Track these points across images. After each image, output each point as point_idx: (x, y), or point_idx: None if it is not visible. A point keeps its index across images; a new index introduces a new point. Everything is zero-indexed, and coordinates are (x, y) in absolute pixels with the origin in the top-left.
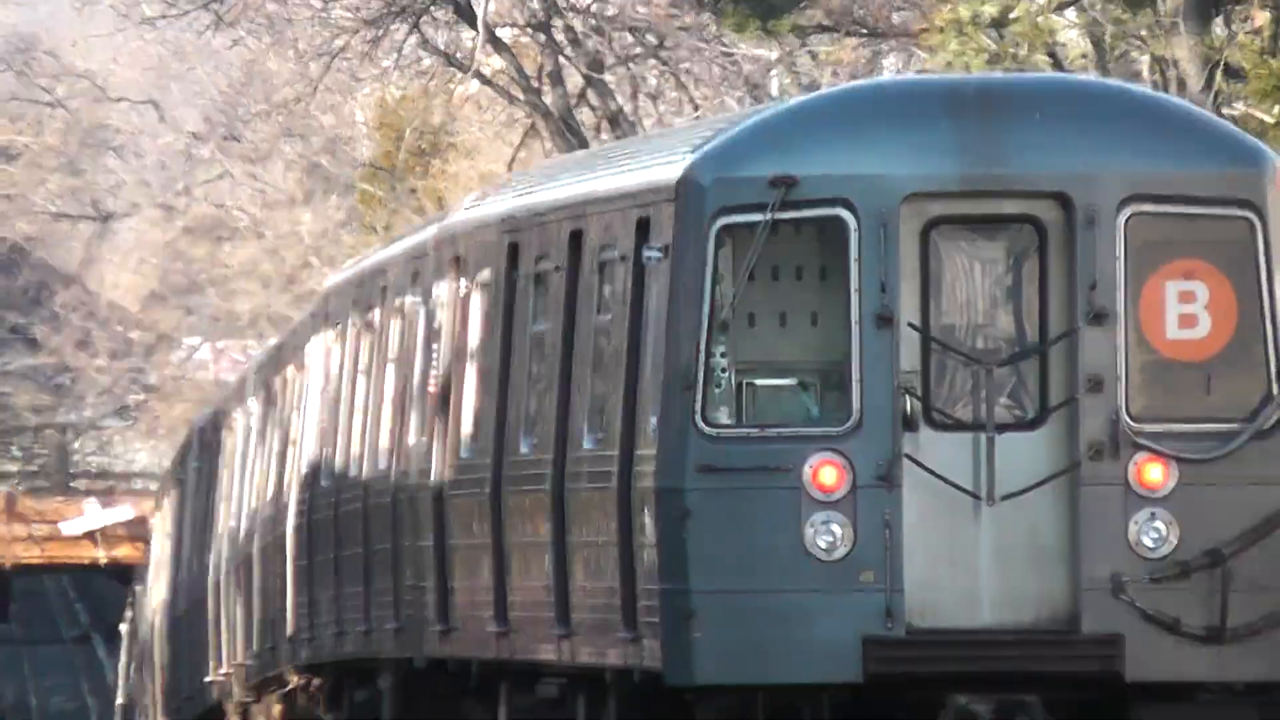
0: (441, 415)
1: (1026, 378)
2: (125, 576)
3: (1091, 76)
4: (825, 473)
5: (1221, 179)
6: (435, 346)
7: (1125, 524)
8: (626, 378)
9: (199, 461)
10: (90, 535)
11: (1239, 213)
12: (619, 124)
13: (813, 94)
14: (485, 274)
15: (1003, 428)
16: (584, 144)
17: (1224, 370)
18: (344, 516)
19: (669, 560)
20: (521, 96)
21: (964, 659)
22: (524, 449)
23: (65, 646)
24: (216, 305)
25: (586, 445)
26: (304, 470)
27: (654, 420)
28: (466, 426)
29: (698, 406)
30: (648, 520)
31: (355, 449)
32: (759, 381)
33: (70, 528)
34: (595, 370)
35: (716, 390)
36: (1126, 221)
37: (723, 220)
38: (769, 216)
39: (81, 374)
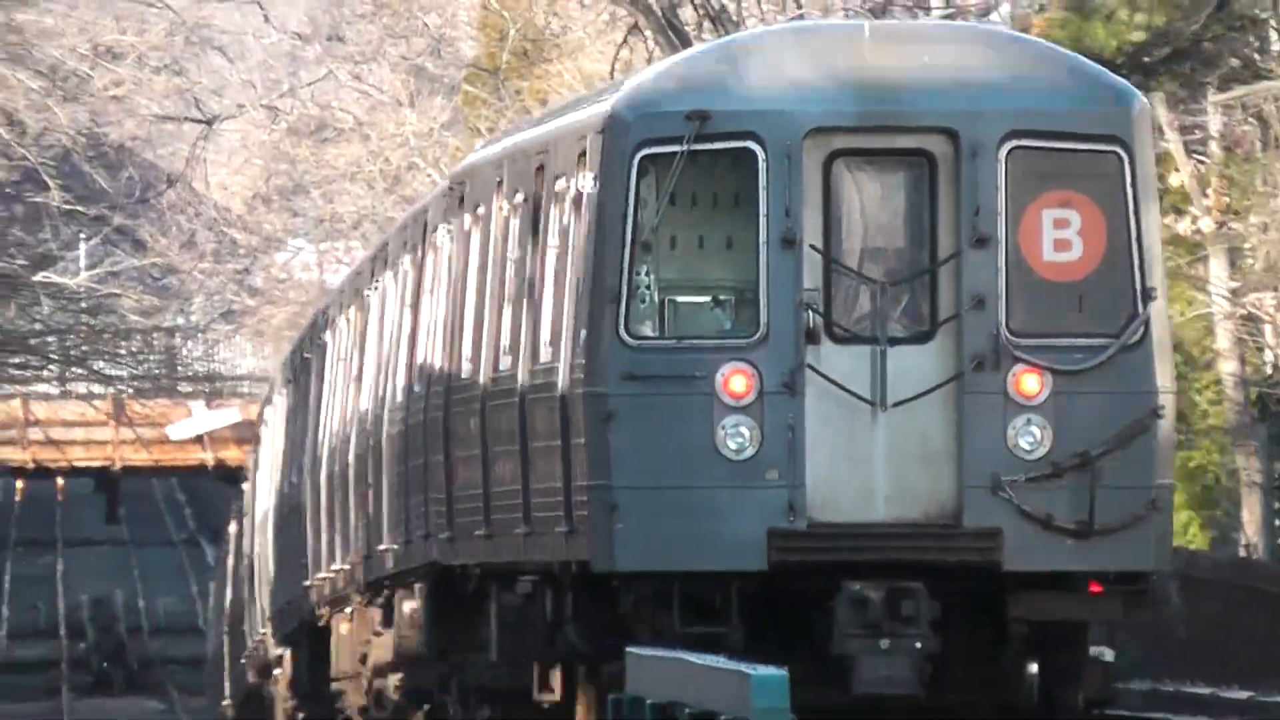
0: (473, 333)
1: (917, 296)
2: (232, 479)
3: (983, 23)
4: (735, 381)
5: (1094, 117)
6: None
7: (1004, 429)
8: (569, 295)
9: (305, 364)
10: (197, 438)
11: (1109, 148)
12: (721, 22)
13: (728, 37)
14: (482, 207)
15: (895, 341)
16: (686, 42)
17: (1094, 290)
18: (460, 417)
19: (595, 459)
20: None
21: (858, 550)
22: (503, 366)
23: (173, 549)
24: (321, 207)
25: (542, 359)
26: (421, 369)
27: (583, 333)
28: (468, 347)
29: (621, 320)
30: (578, 424)
31: (453, 351)
32: (678, 299)
33: (177, 431)
34: (549, 289)
35: (640, 305)
36: (1007, 155)
37: (644, 151)
38: (685, 148)
39: (187, 276)
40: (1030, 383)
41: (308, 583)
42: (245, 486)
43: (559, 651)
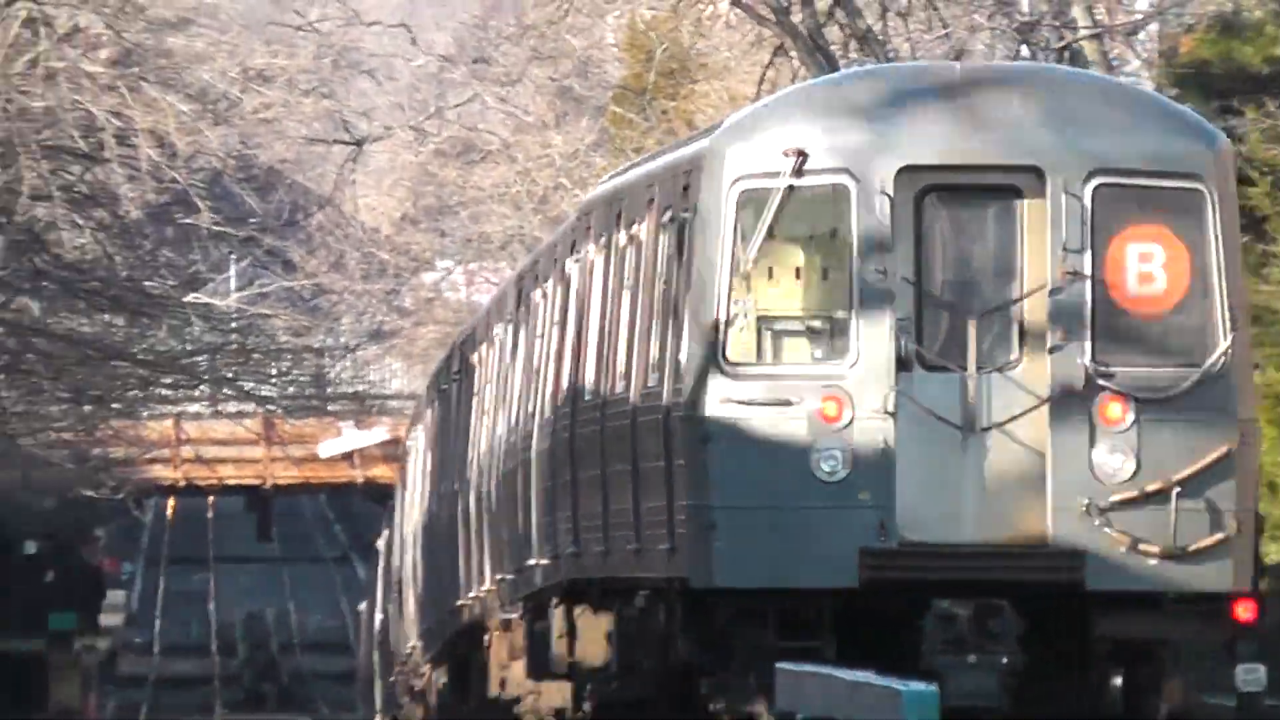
0: (595, 358)
1: (1005, 326)
2: (381, 497)
3: (1064, 66)
4: (829, 406)
5: (1177, 155)
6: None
7: (1089, 454)
8: (673, 323)
9: (453, 383)
10: (347, 456)
11: (1192, 185)
12: (868, 42)
13: (824, 77)
14: (604, 238)
15: (984, 369)
16: (833, 64)
17: (1178, 321)
18: (585, 437)
19: (694, 480)
20: (770, 16)
21: (946, 568)
22: (618, 390)
23: (324, 566)
24: (468, 228)
25: (649, 384)
26: (554, 390)
27: (684, 359)
28: (590, 371)
29: (720, 346)
30: (679, 445)
31: (601, 369)
32: (775, 327)
33: (327, 449)
34: (658, 317)
35: (739, 333)
36: (1093, 192)
37: (742, 186)
38: (782, 183)
39: (336, 297)
40: (1115, 410)
41: (459, 600)
42: (394, 504)
43: (671, 664)
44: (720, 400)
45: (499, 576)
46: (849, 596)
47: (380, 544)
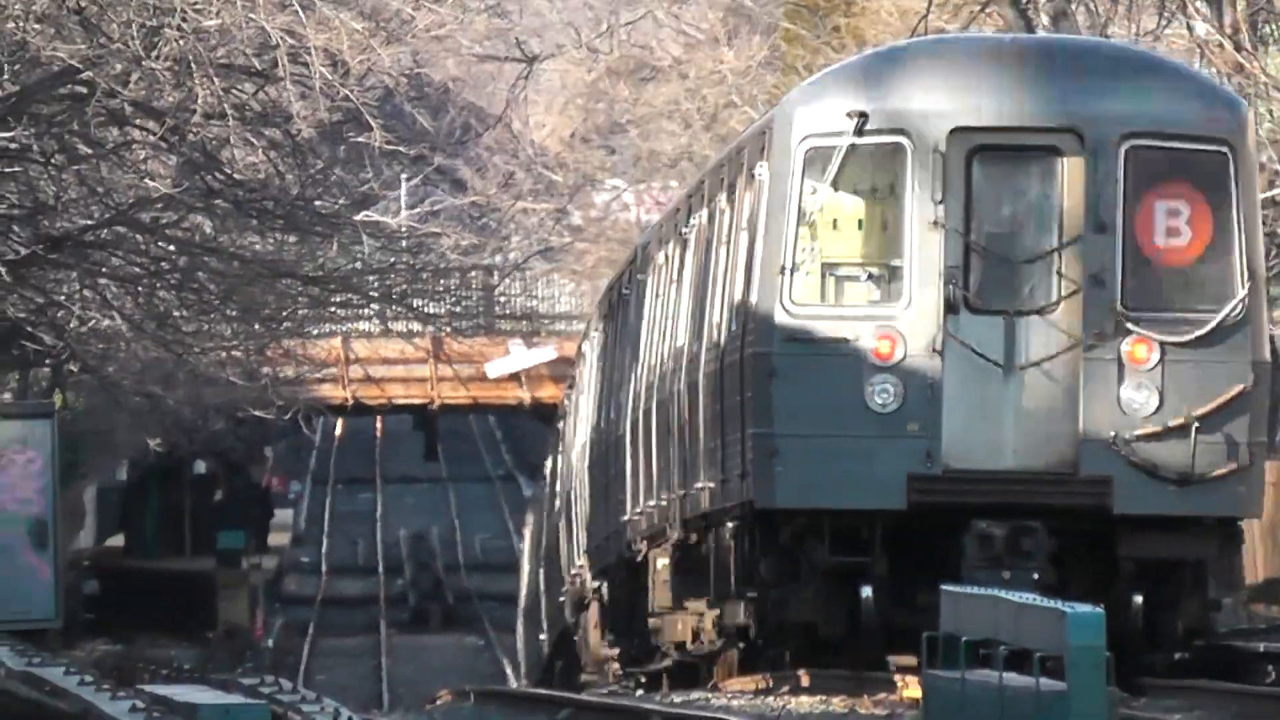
0: (710, 301)
1: (1044, 274)
2: (548, 416)
3: (1103, 39)
4: (883, 344)
5: (1202, 121)
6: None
7: (1118, 390)
8: (749, 269)
9: (620, 303)
10: (514, 376)
11: (1215, 148)
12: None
13: (884, 46)
14: (732, 187)
15: (1024, 313)
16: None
17: (1201, 271)
18: (729, 368)
19: (759, 411)
20: None
21: (986, 493)
22: (714, 336)
23: (490, 485)
24: (638, 146)
25: (734, 327)
26: (719, 313)
27: (754, 301)
28: (715, 312)
29: (786, 290)
30: (749, 380)
31: (696, 320)
32: (837, 272)
33: (495, 369)
34: (742, 263)
35: (804, 277)
36: (1126, 153)
37: (809, 143)
38: (845, 142)
39: (506, 215)
40: (1141, 351)
41: (625, 518)
42: (561, 423)
43: (754, 585)
44: (784, 338)
45: (663, 498)
46: (897, 517)
47: (546, 464)
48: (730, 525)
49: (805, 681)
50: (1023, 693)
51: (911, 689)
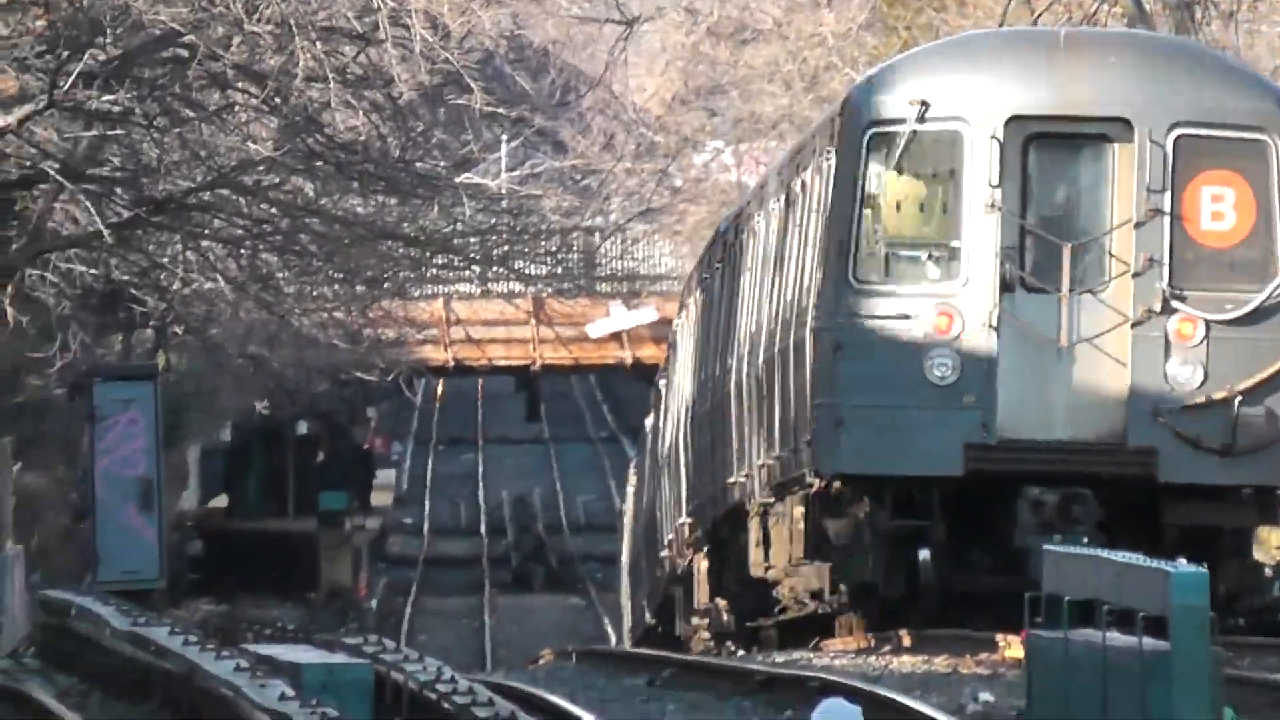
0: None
1: (1096, 255)
2: (649, 377)
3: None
4: (941, 320)
5: (1245, 110)
6: None
7: (1164, 366)
8: (817, 248)
9: (722, 263)
10: (615, 336)
11: (1257, 136)
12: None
13: (946, 39)
14: (805, 170)
15: (1076, 292)
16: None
17: (1243, 254)
18: (798, 342)
19: (825, 382)
20: None
21: (1038, 461)
22: (786, 313)
23: (592, 446)
24: (739, 108)
25: (803, 303)
26: (791, 290)
27: (820, 278)
28: (788, 289)
29: (851, 267)
30: (815, 353)
31: (776, 296)
32: (899, 251)
33: (596, 329)
34: (811, 244)
35: (868, 256)
36: (1174, 141)
37: (874, 130)
38: (908, 128)
39: (607, 177)
40: (1188, 328)
41: (730, 479)
42: (662, 384)
43: (821, 549)
44: (849, 314)
45: (763, 461)
46: (954, 484)
47: (647, 424)
48: (800, 492)
49: (907, 641)
50: (1126, 652)
51: (1014, 649)
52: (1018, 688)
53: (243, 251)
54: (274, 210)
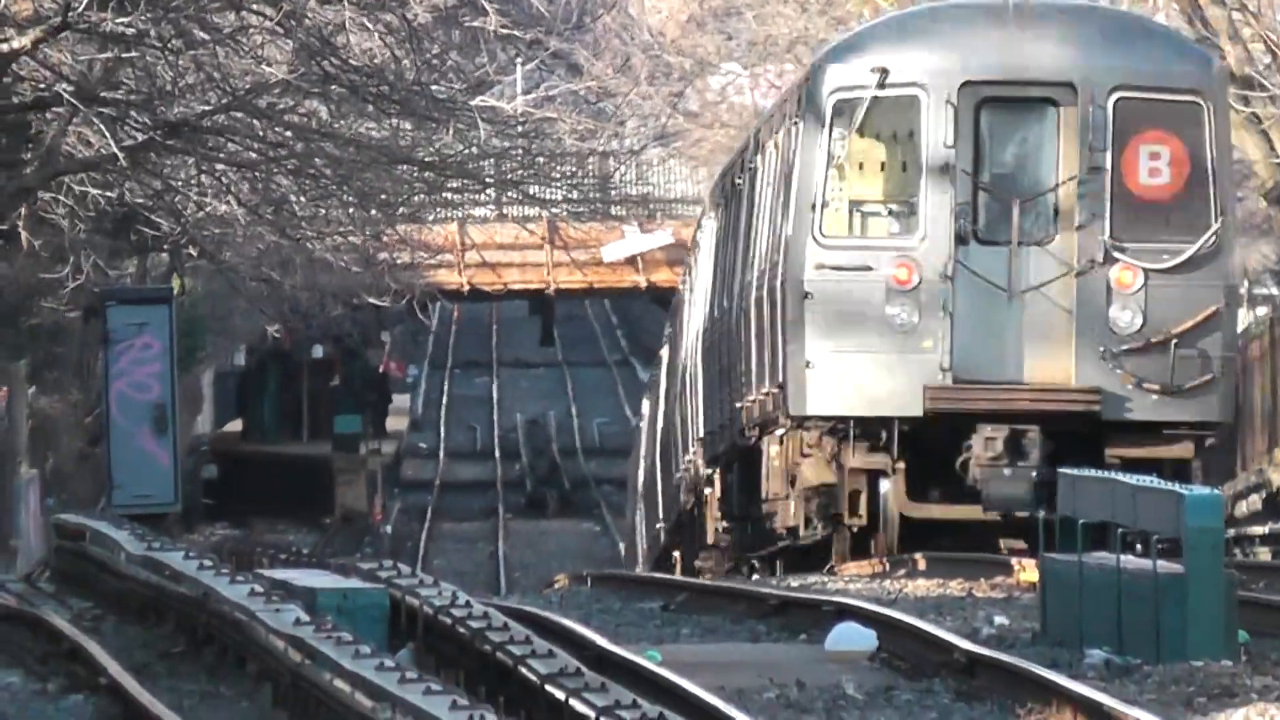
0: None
1: (1043, 210)
2: (664, 301)
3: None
4: (902, 271)
5: (1181, 74)
6: None
7: (1107, 311)
8: (786, 206)
9: (726, 198)
10: (630, 260)
11: (1192, 98)
12: None
13: (904, 10)
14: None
15: (1025, 244)
16: None
17: (1179, 208)
18: (770, 292)
19: (794, 329)
20: None
21: (991, 400)
22: (761, 265)
23: (606, 370)
24: (754, 30)
25: (775, 256)
26: (765, 243)
27: (788, 234)
28: (763, 244)
29: (817, 224)
30: (786, 303)
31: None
32: (862, 208)
33: (610, 253)
34: (782, 203)
35: (833, 213)
36: (1114, 103)
37: (837, 96)
38: (869, 94)
39: (622, 100)
40: (1128, 277)
41: (739, 404)
42: (676, 309)
43: (796, 484)
44: (816, 266)
45: (754, 398)
46: (915, 423)
47: (662, 349)
48: (776, 431)
49: (921, 565)
50: (1140, 575)
51: (1028, 572)
52: (1032, 611)
53: (257, 175)
54: (288, 134)
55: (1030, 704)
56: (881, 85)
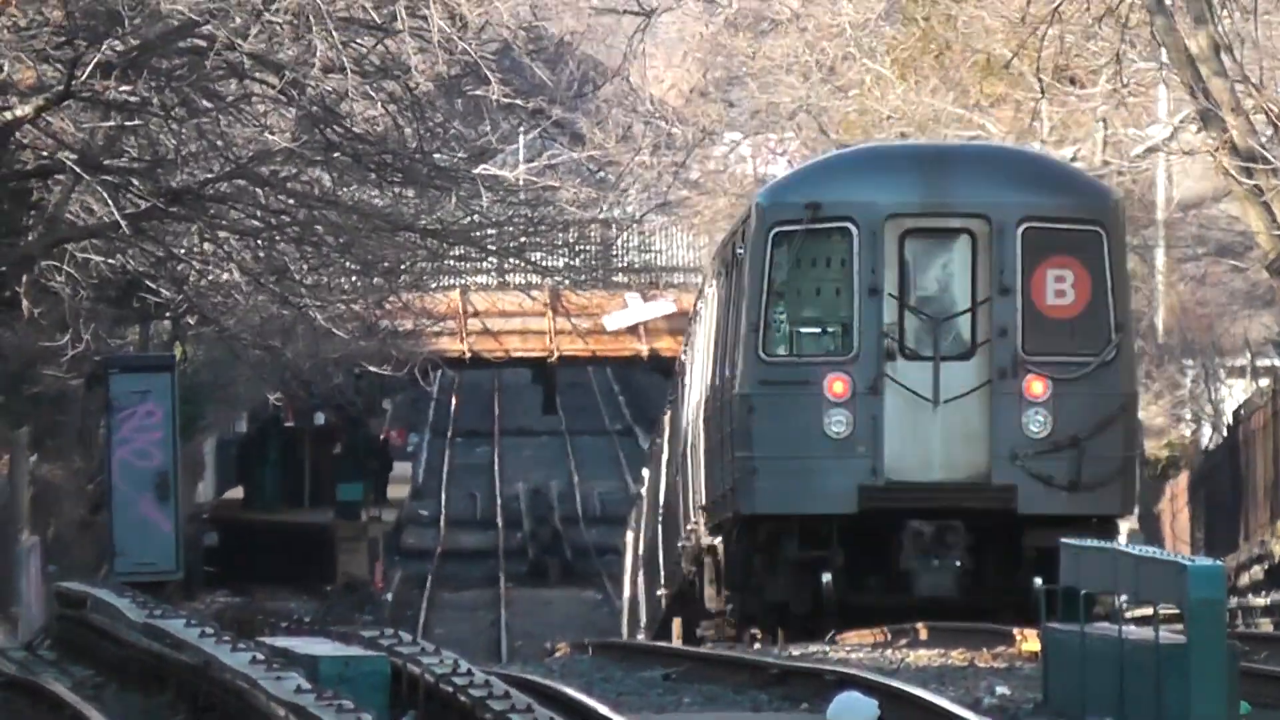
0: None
1: (962, 328)
2: (666, 369)
3: (1002, 143)
4: (836, 385)
5: (1081, 207)
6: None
7: (1020, 418)
8: (735, 328)
9: (737, 257)
10: (632, 329)
11: (1091, 228)
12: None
13: (833, 152)
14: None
15: (946, 358)
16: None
17: (1082, 325)
18: (724, 404)
19: (741, 438)
20: None
21: (918, 499)
22: (718, 380)
23: (608, 438)
24: (756, 98)
25: (726, 374)
26: (722, 359)
27: (738, 352)
28: (721, 360)
29: (760, 343)
30: (734, 414)
31: (717, 359)
32: (800, 329)
33: (613, 321)
34: (733, 324)
35: (775, 334)
36: (1023, 233)
37: (776, 229)
38: (803, 227)
39: (624, 169)
40: (1038, 386)
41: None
42: (678, 378)
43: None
44: (760, 381)
45: (716, 494)
46: (850, 520)
47: (664, 417)
48: (731, 528)
49: (924, 635)
50: (1143, 645)
51: (1030, 642)
52: (1034, 681)
53: (259, 242)
54: (291, 201)
55: None
56: (815, 219)
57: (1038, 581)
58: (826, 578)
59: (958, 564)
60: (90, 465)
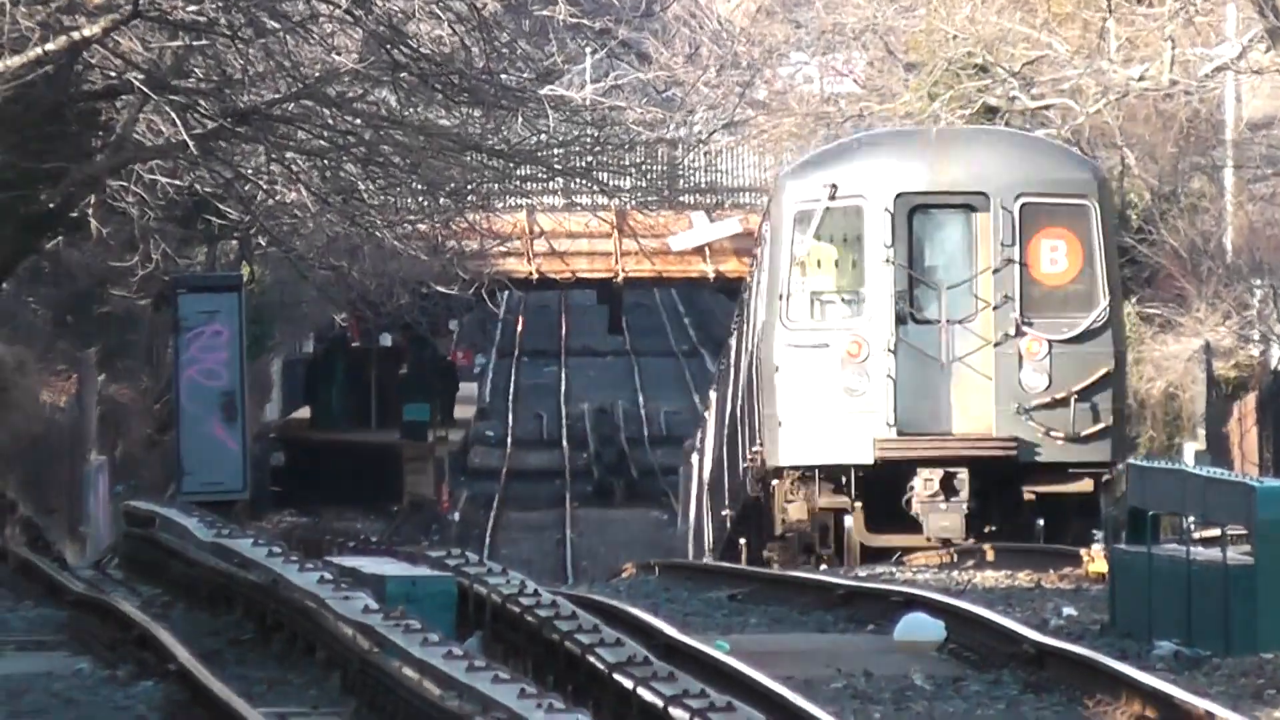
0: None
1: (966, 294)
2: (732, 290)
3: (1001, 126)
4: (854, 347)
5: (1072, 182)
6: None
7: (1019, 375)
8: (761, 296)
9: (763, 233)
10: (698, 249)
11: (1081, 201)
12: None
13: (851, 136)
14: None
15: (952, 322)
16: None
17: (1074, 290)
18: (754, 365)
19: (769, 396)
20: None
21: (928, 449)
22: (748, 344)
23: (674, 359)
24: (823, 18)
25: (756, 338)
26: (753, 326)
27: (764, 319)
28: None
29: (785, 311)
30: (764, 374)
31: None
32: (820, 297)
33: (679, 243)
34: (759, 293)
35: (798, 303)
36: (1020, 207)
37: (797, 207)
38: (822, 205)
39: (691, 89)
40: (1035, 347)
41: None
42: (744, 299)
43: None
44: (784, 345)
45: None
46: (867, 469)
47: (730, 339)
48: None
49: (990, 556)
50: (1210, 566)
51: (1097, 563)
52: (1101, 602)
53: (326, 163)
54: (357, 121)
55: (1099, 695)
56: (832, 198)
57: (1039, 524)
58: (849, 522)
59: (964, 507)
60: (158, 385)
